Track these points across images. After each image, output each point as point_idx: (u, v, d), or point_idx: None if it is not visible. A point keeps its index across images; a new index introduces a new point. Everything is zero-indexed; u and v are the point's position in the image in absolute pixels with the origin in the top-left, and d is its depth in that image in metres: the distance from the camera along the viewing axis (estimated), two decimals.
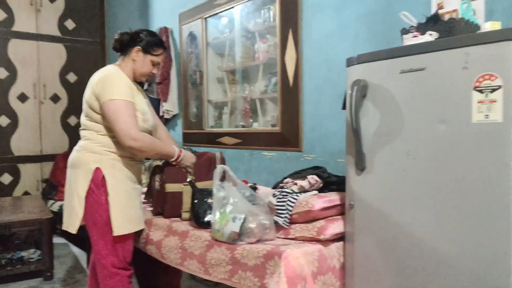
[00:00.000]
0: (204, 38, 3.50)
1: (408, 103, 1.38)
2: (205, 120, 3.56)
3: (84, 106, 2.05)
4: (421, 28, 1.55)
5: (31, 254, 3.24)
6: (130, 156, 2.03)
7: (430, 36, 1.46)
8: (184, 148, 2.25)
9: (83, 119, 2.08)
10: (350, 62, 1.58)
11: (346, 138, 1.60)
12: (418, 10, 1.88)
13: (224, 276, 1.66)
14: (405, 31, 1.59)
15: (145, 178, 2.62)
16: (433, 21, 1.54)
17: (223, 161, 2.25)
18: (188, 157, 2.16)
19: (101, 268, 2.00)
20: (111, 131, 1.97)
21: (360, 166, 1.52)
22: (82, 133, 2.09)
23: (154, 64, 2.11)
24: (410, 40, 1.52)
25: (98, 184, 1.95)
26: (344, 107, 1.68)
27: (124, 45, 2.08)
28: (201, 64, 3.54)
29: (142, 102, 2.10)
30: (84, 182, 1.96)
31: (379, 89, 1.47)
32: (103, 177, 1.95)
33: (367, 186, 1.51)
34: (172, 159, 2.11)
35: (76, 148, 2.09)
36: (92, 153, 1.99)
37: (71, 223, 1.99)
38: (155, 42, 2.09)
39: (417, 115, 1.36)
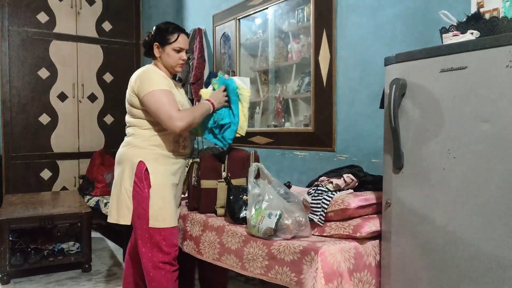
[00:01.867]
0: (237, 39, 3.55)
1: (448, 101, 1.38)
2: None
3: (126, 105, 2.12)
4: (462, 27, 1.55)
5: (70, 246, 3.38)
6: (173, 151, 2.08)
7: (471, 35, 1.46)
8: (211, 147, 2.31)
9: (126, 117, 2.15)
10: (388, 61, 1.58)
11: (384, 137, 1.61)
12: (457, 9, 1.87)
13: (260, 271, 1.70)
14: (445, 30, 1.59)
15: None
16: (474, 20, 1.53)
17: (257, 159, 2.29)
18: (217, 97, 2.14)
19: (146, 261, 2.02)
20: (154, 126, 2.04)
21: (398, 164, 1.53)
22: (127, 130, 2.15)
23: (178, 51, 2.11)
24: (450, 39, 1.52)
25: (141, 177, 2.01)
26: (381, 106, 1.69)
27: (148, 48, 2.15)
28: (234, 64, 3.60)
29: (179, 95, 2.14)
30: (130, 176, 2.02)
31: (418, 88, 1.47)
32: (146, 170, 2.01)
33: (405, 185, 1.52)
34: (211, 110, 2.11)
35: (122, 144, 2.15)
36: (136, 148, 2.05)
37: (122, 215, 2.04)
38: (166, 30, 2.10)
39: (458, 114, 1.35)
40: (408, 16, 2.19)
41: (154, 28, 2.15)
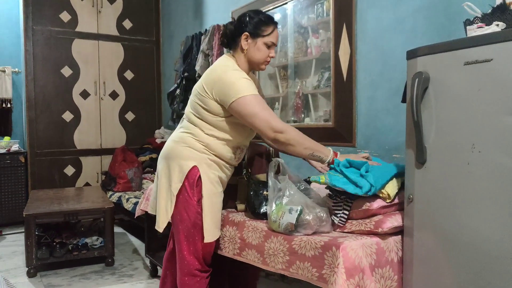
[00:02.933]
0: None
1: (473, 95, 1.35)
2: None
3: (193, 100, 1.94)
4: (487, 19, 1.51)
5: (94, 241, 3.46)
6: (228, 161, 1.96)
7: (496, 27, 1.42)
8: None
9: (188, 112, 1.96)
10: (410, 55, 1.56)
11: (406, 131, 1.59)
12: (482, 1, 1.82)
13: (281, 266, 1.70)
14: (469, 22, 1.55)
15: None
16: (500, 11, 1.49)
17: (277, 154, 2.29)
18: (347, 157, 1.82)
19: (182, 266, 1.94)
20: (220, 133, 1.90)
21: (421, 159, 1.51)
22: (184, 124, 1.98)
23: (269, 46, 1.90)
24: (474, 31, 1.48)
25: (192, 183, 1.86)
26: (403, 100, 1.66)
27: (231, 37, 1.93)
28: None
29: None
30: (178, 178, 1.87)
31: (442, 82, 1.45)
32: (199, 177, 1.87)
33: (428, 180, 1.50)
34: (327, 160, 1.83)
35: (173, 138, 1.97)
36: (191, 149, 1.89)
37: (162, 221, 1.92)
38: (261, 21, 1.88)
39: (483, 107, 1.33)
40: (430, 9, 2.15)
41: (244, 15, 1.91)
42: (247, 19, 1.89)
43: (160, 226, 1.95)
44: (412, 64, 1.55)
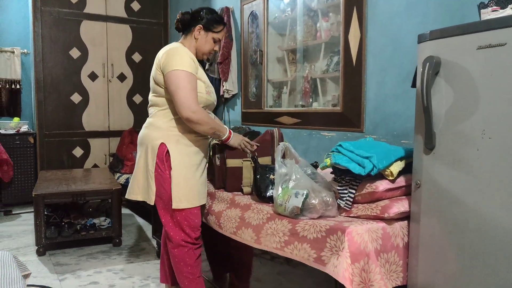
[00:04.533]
0: (265, 18, 3.51)
1: (485, 80, 1.33)
2: (264, 100, 3.60)
3: (151, 83, 2.12)
4: (501, 2, 1.48)
5: (102, 221, 3.50)
6: (194, 132, 2.07)
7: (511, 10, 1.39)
8: (237, 127, 2.28)
9: (150, 96, 2.15)
10: (422, 38, 1.53)
11: (416, 116, 1.57)
12: None
13: (276, 245, 1.71)
14: (483, 6, 1.52)
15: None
16: None
17: (281, 138, 2.29)
18: (236, 139, 2.16)
19: (168, 239, 2.12)
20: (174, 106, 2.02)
21: (430, 145, 1.49)
22: (149, 110, 2.17)
23: (215, 41, 2.16)
24: (489, 14, 1.45)
25: (162, 159, 2.03)
26: (413, 85, 1.64)
27: (186, 25, 2.14)
28: (262, 43, 3.57)
29: (204, 75, 2.15)
30: (152, 158, 2.05)
31: (453, 66, 1.42)
32: (167, 152, 2.03)
33: (436, 166, 1.48)
34: (223, 138, 2.12)
35: (144, 125, 2.17)
36: (157, 130, 2.07)
37: (148, 196, 2.09)
38: (215, 19, 2.13)
39: (495, 92, 1.30)
40: None
41: (202, 10, 2.14)
42: (204, 14, 2.12)
43: (150, 199, 2.08)
44: (423, 48, 1.52)
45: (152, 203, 2.09)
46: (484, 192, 1.34)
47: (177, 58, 1.99)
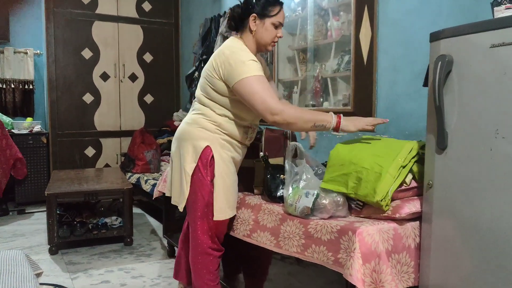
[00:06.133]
0: None
1: (498, 79, 1.31)
2: None
3: (203, 82, 1.97)
4: None
5: (113, 221, 3.53)
6: (240, 141, 1.99)
7: None
8: None
9: (199, 94, 2.00)
10: (434, 37, 1.51)
11: (427, 116, 1.55)
12: None
13: (296, 250, 1.70)
14: (496, 3, 1.49)
15: None
16: None
17: (293, 138, 2.28)
18: (355, 122, 1.81)
19: (195, 245, 2.00)
20: (230, 113, 1.92)
21: (442, 145, 1.47)
22: (196, 106, 2.01)
23: (276, 26, 1.92)
24: (502, 12, 1.43)
25: (206, 163, 1.90)
26: (425, 84, 1.62)
27: (240, 19, 1.95)
28: None
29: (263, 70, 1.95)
30: (192, 159, 1.92)
31: (466, 65, 1.40)
32: (212, 157, 1.91)
33: (449, 166, 1.46)
34: (331, 126, 1.79)
35: (186, 120, 2.02)
36: (204, 130, 1.93)
37: (180, 202, 1.98)
38: (268, 2, 1.90)
39: (509, 91, 1.28)
40: None
41: None
42: (254, 1, 1.91)
43: (181, 206, 1.99)
44: (435, 47, 1.50)
45: (182, 210, 1.99)
46: (497, 192, 1.32)
47: (241, 65, 1.81)
